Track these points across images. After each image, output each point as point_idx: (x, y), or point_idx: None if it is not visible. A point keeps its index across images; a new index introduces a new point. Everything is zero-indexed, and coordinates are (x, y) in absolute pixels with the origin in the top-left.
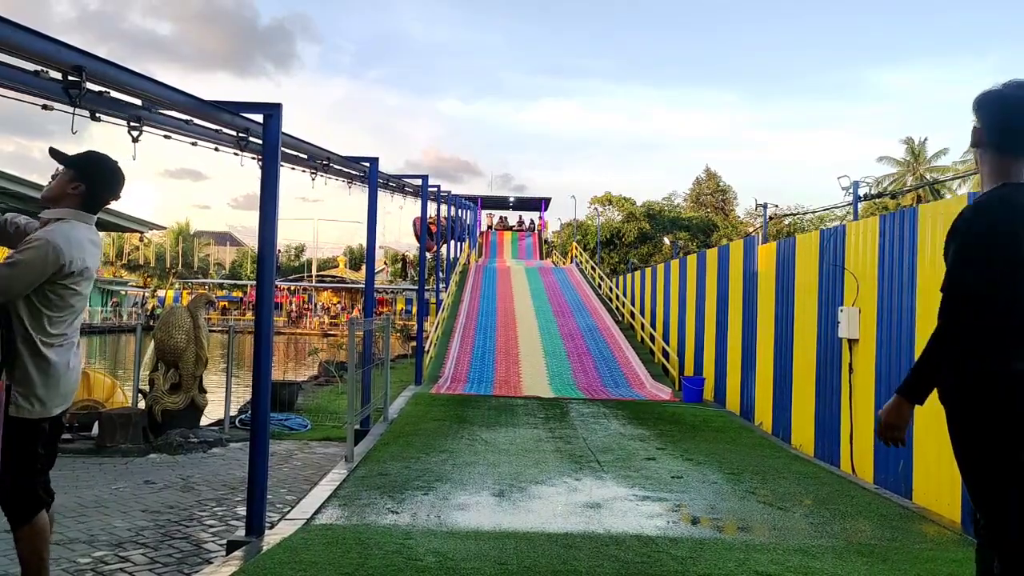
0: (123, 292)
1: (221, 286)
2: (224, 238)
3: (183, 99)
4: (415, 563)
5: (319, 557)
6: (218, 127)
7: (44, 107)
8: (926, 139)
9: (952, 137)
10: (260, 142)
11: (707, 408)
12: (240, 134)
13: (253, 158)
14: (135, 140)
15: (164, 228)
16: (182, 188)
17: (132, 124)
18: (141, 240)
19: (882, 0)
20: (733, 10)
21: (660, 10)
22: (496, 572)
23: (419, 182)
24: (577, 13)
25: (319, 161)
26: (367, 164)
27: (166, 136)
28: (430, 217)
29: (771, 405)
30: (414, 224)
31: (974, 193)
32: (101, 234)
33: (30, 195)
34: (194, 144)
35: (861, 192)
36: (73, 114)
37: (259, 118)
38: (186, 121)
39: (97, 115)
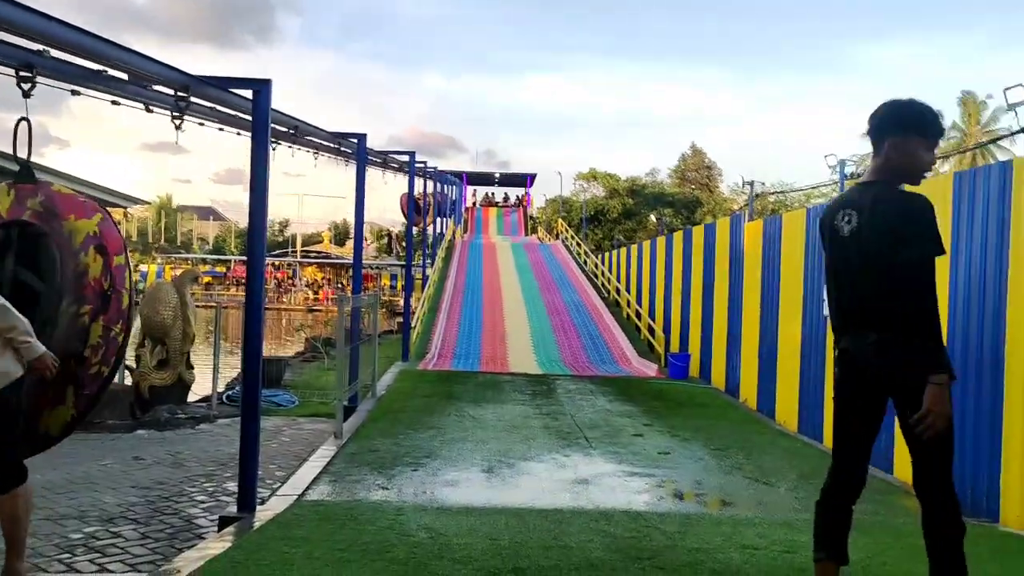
0: None
1: (204, 261)
2: (207, 212)
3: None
4: (408, 539)
5: (312, 533)
6: (145, 83)
7: None
8: None
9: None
10: (205, 104)
11: (693, 385)
12: (178, 94)
13: (221, 130)
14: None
15: (148, 203)
16: (162, 162)
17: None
18: (124, 215)
19: None
20: None
21: None
22: (488, 547)
23: (406, 158)
24: None
25: (307, 137)
26: (355, 140)
27: (114, 102)
28: (418, 193)
29: (756, 381)
30: (401, 201)
31: (960, 172)
32: None
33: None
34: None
35: (848, 171)
36: None
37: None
38: (98, 71)
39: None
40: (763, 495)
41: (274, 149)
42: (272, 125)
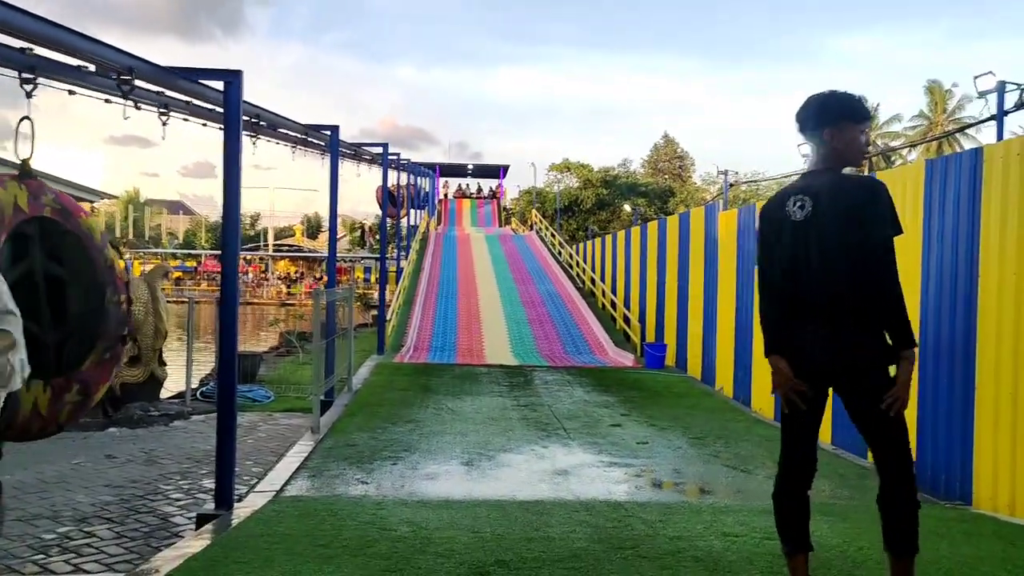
0: None
1: (174, 256)
2: (176, 207)
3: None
4: (389, 533)
5: (292, 529)
6: (80, 64)
7: None
8: (878, 105)
9: (904, 103)
10: (153, 88)
11: (669, 374)
12: (122, 76)
13: (205, 125)
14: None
15: (115, 197)
16: (129, 155)
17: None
18: (91, 210)
19: None
20: None
21: None
22: (470, 540)
23: (379, 150)
24: None
25: (279, 130)
26: (327, 132)
27: (107, 100)
28: (393, 185)
29: (732, 370)
30: (377, 193)
31: (932, 160)
32: None
33: None
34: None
35: None
36: None
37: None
38: (22, 50)
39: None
40: (741, 482)
41: (254, 143)
42: (243, 118)
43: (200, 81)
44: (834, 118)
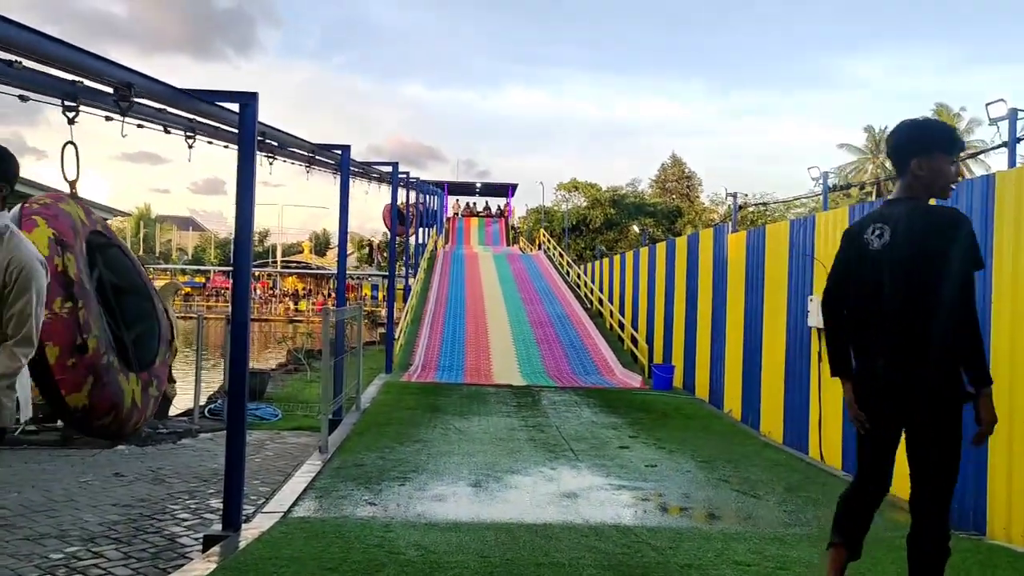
0: None
1: (183, 271)
2: (187, 223)
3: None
4: (398, 557)
5: (300, 552)
6: (76, 78)
7: None
8: (886, 127)
9: None
10: (153, 104)
11: (677, 395)
12: (121, 91)
13: (226, 146)
14: (72, 122)
15: (128, 215)
16: (140, 172)
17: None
18: None
19: None
20: None
21: None
22: (479, 566)
23: (389, 169)
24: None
25: (291, 149)
26: (339, 152)
27: (139, 125)
28: (401, 203)
29: (740, 392)
30: (384, 212)
31: None
32: None
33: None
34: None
35: (830, 183)
36: None
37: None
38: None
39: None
40: (752, 508)
41: (271, 163)
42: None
43: (216, 103)
44: (926, 147)
